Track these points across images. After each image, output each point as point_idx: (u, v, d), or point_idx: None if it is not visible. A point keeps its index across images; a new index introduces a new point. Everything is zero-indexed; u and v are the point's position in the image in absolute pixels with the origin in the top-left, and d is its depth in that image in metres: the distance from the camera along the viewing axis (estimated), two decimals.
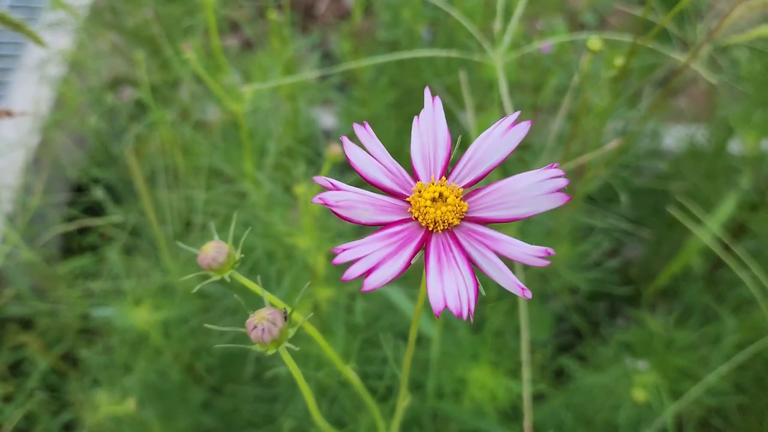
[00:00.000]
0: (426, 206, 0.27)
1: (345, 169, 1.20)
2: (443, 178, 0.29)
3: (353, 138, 0.29)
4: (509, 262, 0.27)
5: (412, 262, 0.27)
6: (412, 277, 0.90)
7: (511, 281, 0.26)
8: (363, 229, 0.82)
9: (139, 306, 0.85)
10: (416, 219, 0.28)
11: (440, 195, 0.28)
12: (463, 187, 0.29)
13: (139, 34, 1.36)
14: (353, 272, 0.25)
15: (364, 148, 0.29)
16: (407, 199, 0.29)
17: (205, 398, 0.95)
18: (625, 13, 1.40)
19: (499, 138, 0.28)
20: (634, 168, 1.13)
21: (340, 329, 0.71)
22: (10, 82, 1.66)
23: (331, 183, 0.27)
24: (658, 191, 1.24)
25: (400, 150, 1.35)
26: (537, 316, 1.01)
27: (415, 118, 0.29)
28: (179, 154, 1.09)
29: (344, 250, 0.25)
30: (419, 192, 0.28)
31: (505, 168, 0.83)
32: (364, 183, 0.29)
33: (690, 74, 1.27)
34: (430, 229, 0.28)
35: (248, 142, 0.85)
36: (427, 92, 0.29)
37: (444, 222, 0.28)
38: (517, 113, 0.28)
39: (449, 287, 0.25)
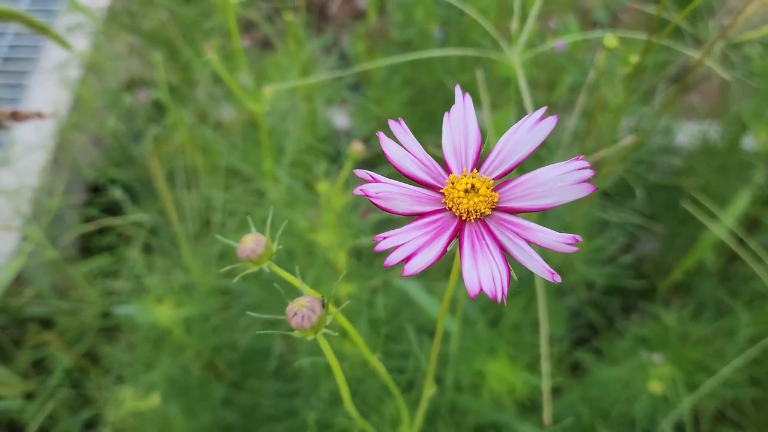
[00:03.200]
0: (459, 197, 0.29)
1: (362, 167, 1.21)
2: (474, 170, 0.31)
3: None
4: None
5: (448, 249, 0.28)
6: (430, 272, 0.91)
7: (541, 267, 0.27)
8: (382, 226, 0.83)
9: (162, 303, 0.87)
10: (450, 209, 0.30)
11: (472, 186, 0.29)
12: (494, 179, 0.30)
13: (156, 35, 1.38)
14: (393, 259, 0.26)
15: (398, 143, 0.30)
16: (441, 190, 0.30)
17: (225, 394, 0.97)
18: (637, 10, 1.40)
19: (527, 133, 0.30)
20: (648, 164, 1.14)
21: (362, 323, 0.73)
22: (28, 85, 1.69)
23: (371, 175, 0.28)
24: (671, 187, 1.25)
25: None
26: (552, 312, 1.02)
27: (446, 114, 0.31)
28: (197, 154, 1.11)
29: (385, 238, 0.27)
30: (452, 184, 0.30)
31: (522, 166, 0.84)
32: (399, 176, 0.31)
33: (702, 71, 1.27)
34: (464, 218, 0.29)
35: (267, 141, 0.86)
36: (457, 89, 0.31)
37: (476, 212, 0.29)
38: (544, 109, 0.29)
39: (484, 272, 0.27)
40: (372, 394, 0.72)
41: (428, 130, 1.37)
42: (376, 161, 1.25)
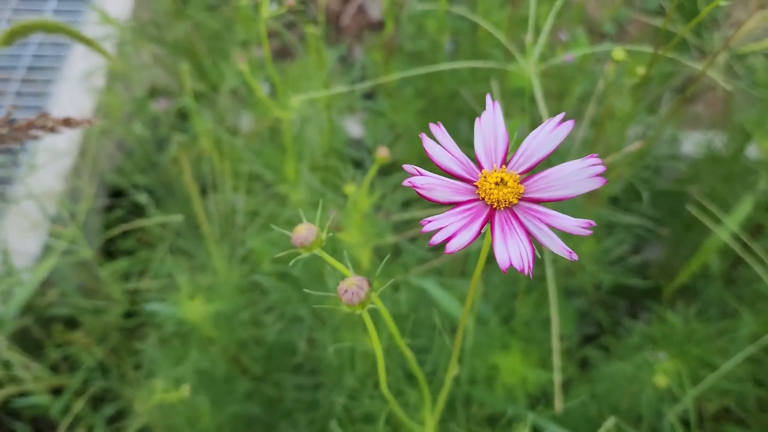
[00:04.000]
0: (491, 188, 0.35)
1: (382, 173, 1.26)
2: (503, 166, 0.36)
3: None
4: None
5: (482, 232, 0.33)
6: (446, 271, 0.96)
7: (560, 247, 0.32)
8: (403, 226, 0.88)
9: (193, 300, 0.92)
10: (483, 199, 0.35)
11: (502, 180, 0.35)
12: (519, 173, 0.36)
13: (179, 46, 1.44)
14: (437, 239, 0.31)
15: (438, 143, 0.35)
16: (475, 183, 0.35)
17: (249, 388, 1.01)
18: (643, 22, 1.45)
19: (547, 135, 0.35)
20: (654, 171, 1.18)
21: (385, 316, 0.77)
22: (51, 93, 1.74)
23: (417, 170, 0.33)
24: (677, 194, 1.29)
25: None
26: (562, 311, 1.06)
27: (477, 119, 0.36)
28: (221, 159, 1.16)
29: (430, 221, 0.32)
30: (485, 177, 0.35)
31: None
32: (438, 171, 0.35)
33: (707, 81, 1.32)
34: (494, 207, 0.35)
35: (292, 147, 0.92)
36: (488, 97, 0.36)
37: (505, 201, 0.35)
38: (562, 115, 0.35)
39: (513, 251, 0.32)
40: (392, 386, 0.76)
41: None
42: (392, 169, 1.30)
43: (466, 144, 0.38)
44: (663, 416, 0.91)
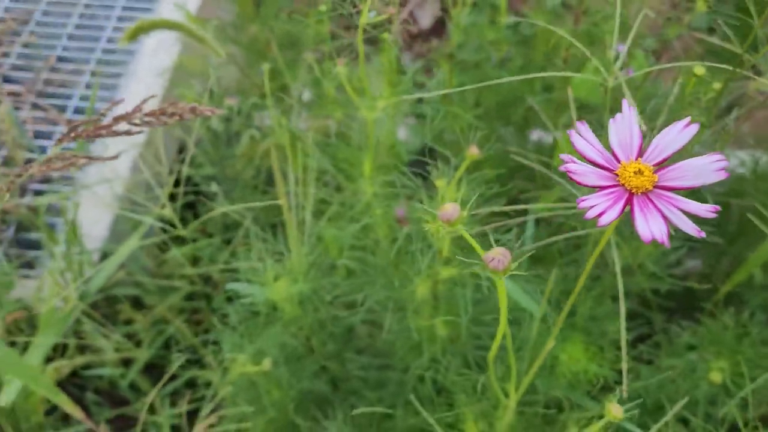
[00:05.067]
0: (630, 177, 0.42)
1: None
2: (638, 159, 0.43)
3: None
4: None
5: (624, 210, 0.40)
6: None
7: (690, 226, 0.39)
8: (483, 219, 0.95)
9: (277, 281, 0.99)
10: (623, 185, 0.42)
11: (639, 170, 0.42)
12: (653, 165, 0.43)
13: (252, 47, 1.53)
14: (591, 213, 0.39)
15: (582, 137, 0.43)
16: (615, 172, 0.43)
17: (319, 366, 1.09)
18: (687, 39, 1.49)
19: (677, 134, 0.43)
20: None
21: (462, 303, 0.85)
22: (120, 86, 1.84)
23: (572, 159, 0.41)
24: (722, 207, 1.34)
25: (482, 162, 1.48)
26: (611, 312, 1.12)
27: (611, 119, 0.43)
28: (294, 154, 1.24)
29: (584, 200, 0.39)
30: (624, 167, 0.42)
31: None
32: (583, 161, 0.43)
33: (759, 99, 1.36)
34: (633, 192, 0.42)
35: (372, 145, 0.99)
36: (624, 102, 0.43)
37: (642, 187, 0.42)
38: (689, 118, 0.42)
39: (654, 227, 0.39)
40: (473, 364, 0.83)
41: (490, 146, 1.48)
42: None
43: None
44: (712, 415, 0.97)
